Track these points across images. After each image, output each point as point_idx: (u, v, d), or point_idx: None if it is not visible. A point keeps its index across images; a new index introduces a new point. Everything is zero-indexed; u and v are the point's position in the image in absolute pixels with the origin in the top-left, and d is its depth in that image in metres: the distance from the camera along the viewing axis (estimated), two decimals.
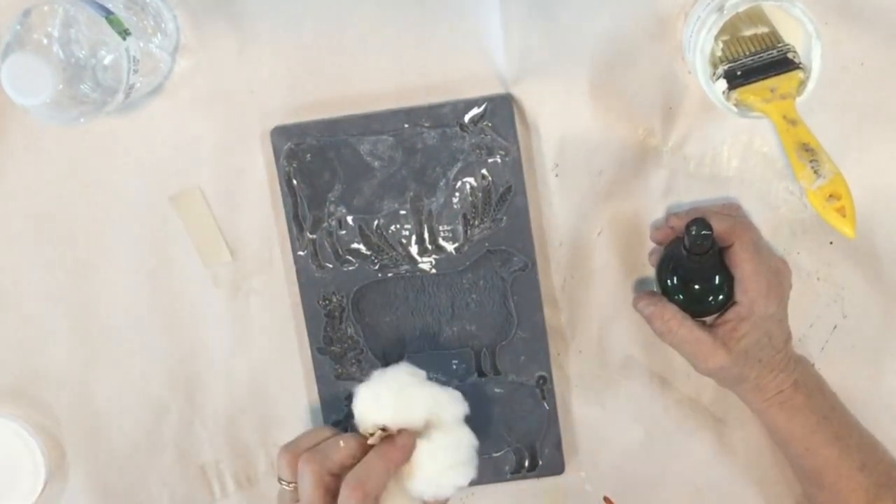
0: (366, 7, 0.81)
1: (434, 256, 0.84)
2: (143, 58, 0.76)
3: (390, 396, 0.72)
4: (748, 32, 0.76)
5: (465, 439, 0.74)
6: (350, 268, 0.84)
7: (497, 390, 0.85)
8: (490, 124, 0.82)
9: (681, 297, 0.77)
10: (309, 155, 0.83)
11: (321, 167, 0.83)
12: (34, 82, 0.69)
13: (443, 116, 0.82)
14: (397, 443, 0.72)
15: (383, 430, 0.71)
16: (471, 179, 0.83)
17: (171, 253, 0.85)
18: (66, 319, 0.86)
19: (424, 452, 0.72)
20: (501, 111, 0.82)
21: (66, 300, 0.86)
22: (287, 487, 0.73)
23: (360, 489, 0.69)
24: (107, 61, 0.72)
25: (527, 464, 0.86)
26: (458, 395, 0.75)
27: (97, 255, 0.85)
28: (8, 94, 0.70)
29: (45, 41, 0.70)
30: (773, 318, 0.76)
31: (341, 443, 0.72)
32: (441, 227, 0.84)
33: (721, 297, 0.76)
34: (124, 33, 0.74)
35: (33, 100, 0.70)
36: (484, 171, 0.83)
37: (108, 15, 0.74)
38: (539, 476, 0.86)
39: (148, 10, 0.79)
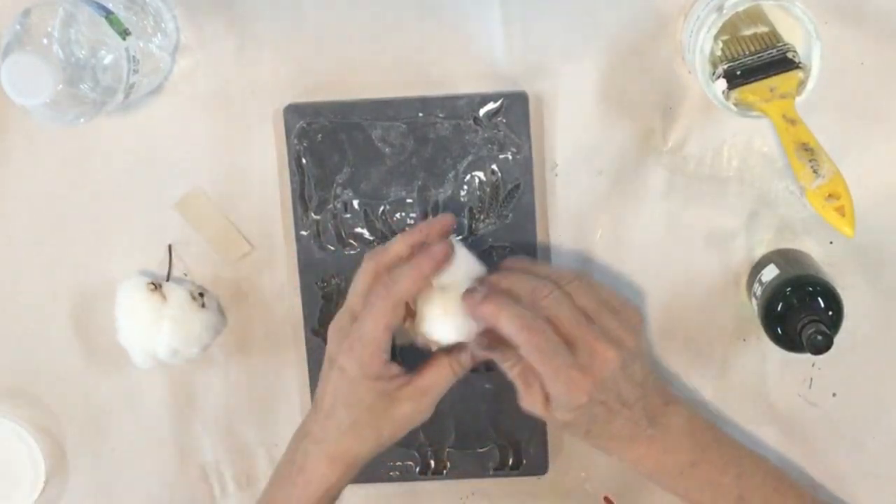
0: (366, 7, 0.81)
1: None
2: (143, 58, 0.76)
3: None
4: (748, 32, 0.76)
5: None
6: (351, 252, 0.84)
7: (487, 386, 0.85)
8: (504, 120, 0.82)
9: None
10: (320, 135, 0.82)
11: (331, 148, 0.82)
12: (34, 82, 0.69)
13: (458, 108, 0.82)
14: (430, 252, 0.74)
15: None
16: (480, 174, 0.83)
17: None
18: (67, 319, 0.86)
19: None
20: (517, 108, 0.81)
21: (66, 300, 0.86)
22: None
23: (388, 295, 0.73)
24: (107, 61, 0.72)
25: (511, 462, 0.85)
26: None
27: (97, 254, 0.85)
28: (8, 94, 0.70)
29: (45, 41, 0.70)
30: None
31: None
32: None
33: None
34: (124, 33, 0.74)
35: (33, 100, 0.70)
36: (494, 167, 0.82)
37: (108, 15, 0.74)
38: (522, 475, 0.85)
39: (148, 10, 0.79)
